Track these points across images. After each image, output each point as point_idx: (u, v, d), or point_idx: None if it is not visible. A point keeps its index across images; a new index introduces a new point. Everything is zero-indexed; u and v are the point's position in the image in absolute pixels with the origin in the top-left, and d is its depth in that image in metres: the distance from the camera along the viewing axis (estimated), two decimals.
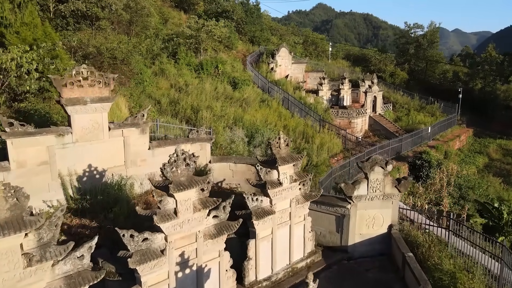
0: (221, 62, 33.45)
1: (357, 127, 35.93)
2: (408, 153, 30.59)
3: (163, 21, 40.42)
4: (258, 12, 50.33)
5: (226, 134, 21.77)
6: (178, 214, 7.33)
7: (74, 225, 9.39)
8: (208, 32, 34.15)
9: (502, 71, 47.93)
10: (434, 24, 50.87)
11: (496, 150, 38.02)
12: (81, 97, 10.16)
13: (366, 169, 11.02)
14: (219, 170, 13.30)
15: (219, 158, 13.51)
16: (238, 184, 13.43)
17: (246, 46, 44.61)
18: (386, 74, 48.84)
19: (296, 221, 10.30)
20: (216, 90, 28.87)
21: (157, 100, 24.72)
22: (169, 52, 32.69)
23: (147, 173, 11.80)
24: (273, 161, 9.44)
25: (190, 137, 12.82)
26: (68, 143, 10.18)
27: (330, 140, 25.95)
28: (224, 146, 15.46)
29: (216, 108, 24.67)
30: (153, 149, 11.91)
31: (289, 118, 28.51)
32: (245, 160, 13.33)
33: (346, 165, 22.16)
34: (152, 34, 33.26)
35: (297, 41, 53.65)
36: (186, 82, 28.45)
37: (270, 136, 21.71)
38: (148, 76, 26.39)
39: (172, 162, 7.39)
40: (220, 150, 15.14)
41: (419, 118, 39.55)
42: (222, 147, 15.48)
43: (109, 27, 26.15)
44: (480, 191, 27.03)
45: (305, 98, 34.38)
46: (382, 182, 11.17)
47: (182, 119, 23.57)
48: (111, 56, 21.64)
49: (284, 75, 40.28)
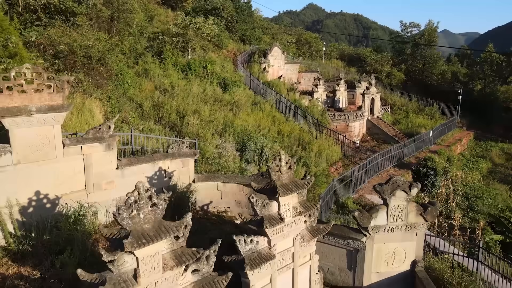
0: (210, 62, 31.21)
1: (355, 131, 33.96)
2: (411, 159, 28.70)
3: (148, 18, 37.97)
4: (250, 9, 48.16)
5: (215, 141, 19.58)
6: (139, 279, 5.12)
7: (10, 275, 7.12)
8: (196, 30, 31.88)
9: (501, 71, 46.45)
10: (432, 23, 49.24)
11: (499, 154, 36.35)
12: (23, 106, 7.88)
13: (386, 194, 8.91)
14: (205, 190, 11.09)
15: (205, 177, 11.30)
16: (227, 207, 11.25)
17: (237, 45, 42.40)
18: (382, 74, 47.02)
19: (301, 262, 8.14)
20: (205, 92, 26.65)
21: (139, 103, 22.43)
22: (154, 52, 30.37)
23: (116, 198, 9.57)
24: (272, 189, 7.27)
25: (169, 152, 10.59)
26: (7, 166, 7.89)
27: (328, 147, 23.90)
28: (211, 160, 13.21)
29: (204, 113, 22.45)
30: (123, 168, 9.66)
31: (283, 123, 26.41)
32: (235, 179, 11.15)
33: (348, 175, 20.10)
34: (136, 32, 30.91)
35: (290, 40, 51.58)
36: (172, 83, 26.18)
37: (264, 144, 19.58)
38: (130, 77, 24.05)
39: (131, 204, 5.17)
40: (206, 165, 12.90)
41: (419, 121, 37.78)
42: (209, 162, 13.23)
43: (86, 23, 23.70)
44: (488, 200, 25.20)
45: (300, 100, 32.31)
46: (405, 210, 9.07)
47: (166, 125, 21.31)
48: (85, 55, 19.27)
49: (277, 76, 38.16)
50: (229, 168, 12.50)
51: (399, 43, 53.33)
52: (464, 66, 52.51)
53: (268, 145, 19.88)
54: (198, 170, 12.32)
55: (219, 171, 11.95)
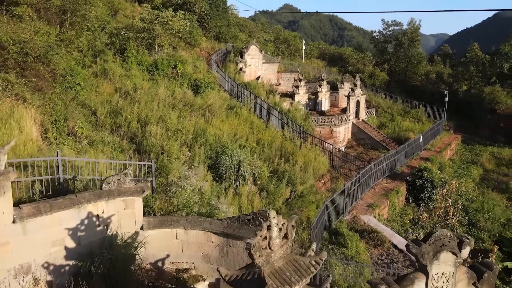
0: (180, 61, 27.81)
1: (340, 136, 31.28)
2: (403, 168, 26.18)
3: (112, 12, 34.25)
4: (224, 5, 44.84)
5: (182, 156, 16.30)
6: None
7: None
8: (163, 25, 28.40)
9: (485, 72, 44.92)
10: (414, 21, 47.30)
11: (489, 159, 34.45)
12: None
13: (426, 259, 5.95)
14: (159, 241, 7.89)
15: (159, 221, 8.07)
16: (191, 263, 8.08)
17: (211, 43, 39.10)
18: (365, 75, 44.66)
19: None
20: (174, 95, 23.29)
21: (93, 110, 18.89)
22: (117, 49, 26.73)
23: (14, 267, 6.24)
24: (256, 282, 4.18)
25: (104, 188, 7.31)
26: None
27: (315, 158, 20.96)
28: (174, 188, 9.73)
29: (170, 120, 19.11)
30: (25, 221, 6.35)
31: (263, 130, 23.33)
32: (202, 225, 7.98)
33: (341, 194, 17.18)
34: (96, 27, 27.21)
35: (267, 38, 48.57)
36: (135, 85, 22.70)
37: (242, 159, 16.44)
38: (83, 78, 20.44)
39: None
40: (166, 200, 9.41)
41: (406, 124, 35.52)
42: (171, 191, 9.76)
43: (30, 15, 19.92)
44: (489, 214, 22.91)
45: (281, 103, 29.35)
46: (452, 279, 6.15)
47: (125, 135, 17.88)
48: (20, 51, 15.63)
49: (254, 77, 35.09)
50: (194, 206, 9.15)
51: (381, 42, 51.28)
52: (448, 66, 50.88)
53: (246, 158, 16.76)
54: (150, 209, 8.98)
55: (180, 210, 8.65)
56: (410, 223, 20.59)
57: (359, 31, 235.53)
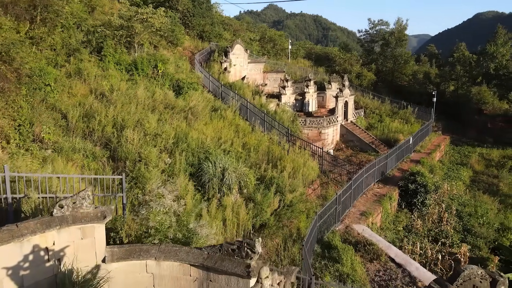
0: (161, 61, 26.31)
1: (328, 138, 30.27)
2: (393, 171, 25.29)
3: (89, 9, 32.48)
4: (208, 3, 43.42)
5: (161, 164, 14.97)
6: None
7: None
8: (143, 22, 26.87)
9: (471, 72, 44.61)
10: (401, 21, 46.70)
11: (478, 160, 33.96)
12: None
13: None
14: (125, 276, 6.57)
15: (126, 252, 6.74)
16: None
17: (195, 42, 37.66)
18: (352, 75, 43.85)
19: None
20: (154, 97, 21.84)
21: (64, 113, 17.34)
22: (93, 48, 25.09)
23: None
24: None
25: (56, 214, 5.97)
26: None
27: (304, 163, 19.80)
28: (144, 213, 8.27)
29: (149, 124, 17.70)
30: None
31: (249, 133, 22.09)
32: (177, 255, 6.68)
33: (333, 202, 16.05)
34: (72, 25, 25.52)
35: (253, 37, 47.33)
36: (112, 86, 21.20)
37: (227, 166, 15.18)
38: (54, 78, 18.84)
39: None
40: (135, 224, 7.98)
41: (394, 125, 34.79)
42: (142, 212, 8.29)
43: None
44: (483, 219, 22.16)
45: (267, 105, 28.16)
46: None
47: (98, 141, 16.42)
48: None
49: (240, 77, 33.83)
50: (168, 231, 7.73)
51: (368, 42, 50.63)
52: (434, 66, 50.51)
53: (231, 166, 15.49)
54: (117, 234, 7.55)
55: (151, 236, 7.23)
56: (403, 231, 19.65)
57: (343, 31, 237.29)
